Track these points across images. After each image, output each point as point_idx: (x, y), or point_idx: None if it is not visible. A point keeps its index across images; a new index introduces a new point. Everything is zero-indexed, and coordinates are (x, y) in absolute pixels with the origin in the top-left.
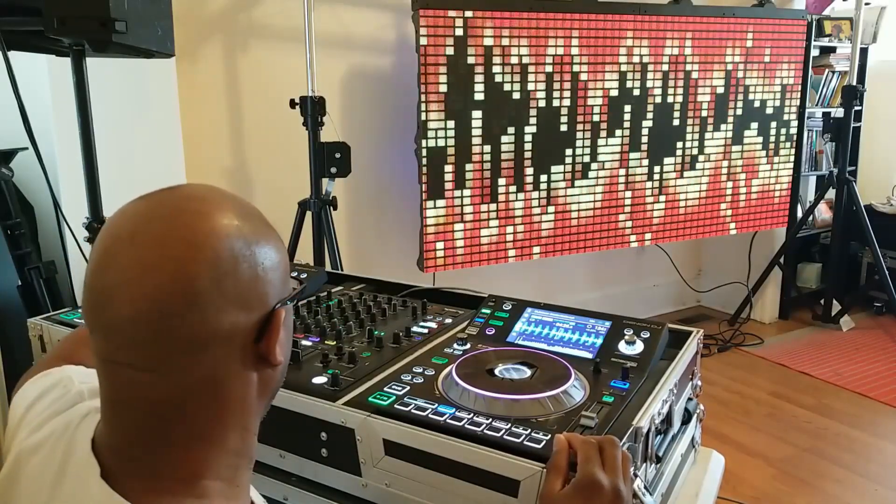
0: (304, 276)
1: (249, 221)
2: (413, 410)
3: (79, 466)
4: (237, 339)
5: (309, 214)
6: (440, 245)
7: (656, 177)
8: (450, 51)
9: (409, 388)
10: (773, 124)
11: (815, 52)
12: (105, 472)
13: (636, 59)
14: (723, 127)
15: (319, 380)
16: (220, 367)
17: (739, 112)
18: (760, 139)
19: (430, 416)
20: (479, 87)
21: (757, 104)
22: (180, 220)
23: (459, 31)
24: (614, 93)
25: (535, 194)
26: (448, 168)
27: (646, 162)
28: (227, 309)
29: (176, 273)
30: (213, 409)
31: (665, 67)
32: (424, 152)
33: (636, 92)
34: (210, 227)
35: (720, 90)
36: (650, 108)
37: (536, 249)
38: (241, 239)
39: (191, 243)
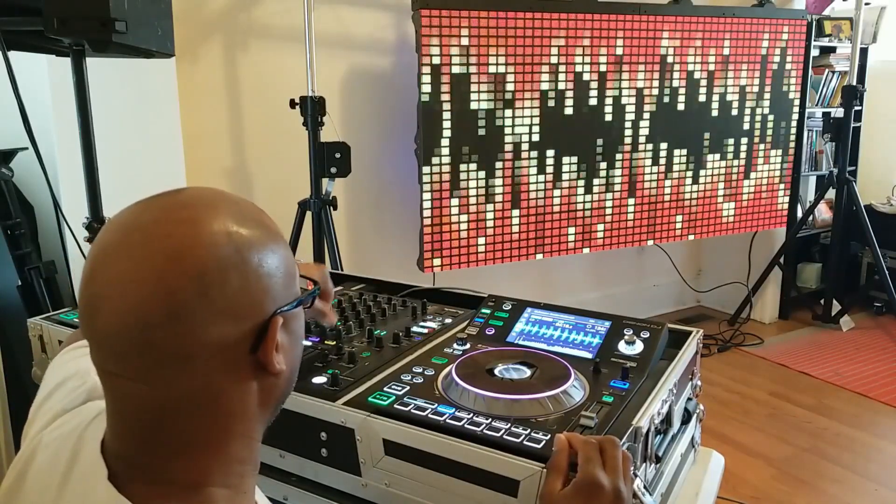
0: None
1: (244, 226)
2: (413, 410)
3: (86, 468)
4: (228, 350)
5: (309, 214)
6: (440, 245)
7: (656, 177)
8: (449, 50)
9: (408, 388)
10: (773, 124)
11: (815, 52)
12: (112, 476)
13: (636, 59)
14: (723, 127)
15: (319, 380)
16: (212, 378)
17: (739, 112)
18: (760, 139)
19: (430, 416)
20: (478, 87)
21: (757, 104)
22: (164, 229)
23: (459, 31)
24: (614, 92)
25: (534, 194)
26: (448, 168)
27: (645, 162)
28: (215, 320)
29: (157, 286)
30: (211, 419)
31: (665, 67)
32: (424, 152)
33: (636, 92)
34: (194, 237)
35: (720, 90)
36: (650, 107)
37: (537, 249)
38: (230, 246)
39: (173, 254)
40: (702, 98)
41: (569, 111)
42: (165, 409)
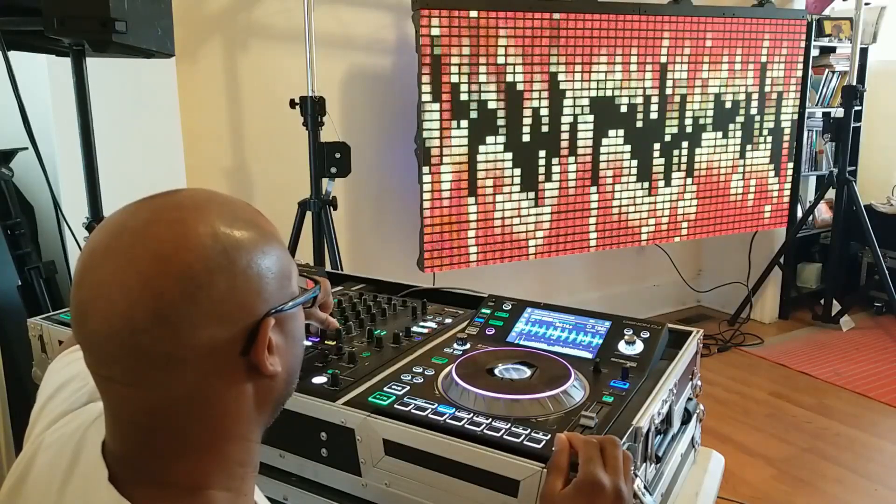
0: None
1: (234, 227)
2: (413, 410)
3: (88, 469)
4: (219, 352)
5: (309, 214)
6: (440, 245)
7: (656, 177)
8: (449, 50)
9: (409, 388)
10: (774, 124)
11: (815, 52)
12: (112, 477)
13: (636, 59)
14: (722, 127)
15: (319, 380)
16: (204, 381)
17: (739, 112)
18: (760, 139)
19: (430, 415)
20: (478, 87)
21: (757, 104)
22: (152, 231)
23: (459, 31)
24: (614, 93)
25: (534, 194)
26: (448, 168)
27: (645, 162)
28: (203, 323)
29: (143, 289)
30: (206, 422)
31: (665, 67)
32: (424, 152)
33: (635, 92)
34: (181, 239)
35: (720, 90)
36: (649, 108)
37: (536, 249)
38: (218, 248)
39: (159, 257)
40: (701, 98)
41: (570, 111)
42: (159, 412)
